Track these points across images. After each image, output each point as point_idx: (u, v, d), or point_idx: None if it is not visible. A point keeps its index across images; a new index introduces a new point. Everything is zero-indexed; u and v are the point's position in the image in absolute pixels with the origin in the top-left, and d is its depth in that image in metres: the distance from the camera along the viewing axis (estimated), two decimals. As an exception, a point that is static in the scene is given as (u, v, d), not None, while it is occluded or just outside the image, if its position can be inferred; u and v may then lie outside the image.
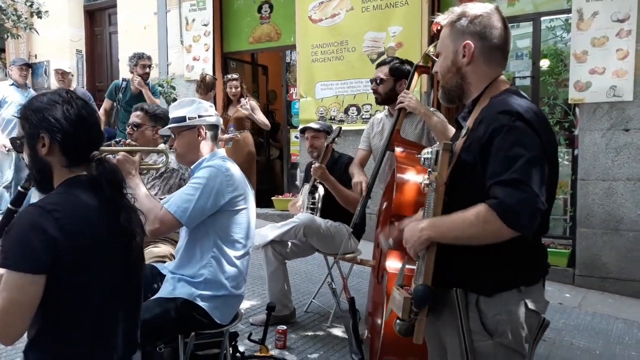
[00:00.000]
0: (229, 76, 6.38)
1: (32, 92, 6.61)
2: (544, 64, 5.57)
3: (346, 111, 6.36)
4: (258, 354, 3.18)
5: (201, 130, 2.55)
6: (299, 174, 6.70)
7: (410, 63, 3.43)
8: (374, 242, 2.95)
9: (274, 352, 3.25)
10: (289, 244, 3.70)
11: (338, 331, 3.66)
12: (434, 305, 1.58)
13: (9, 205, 1.97)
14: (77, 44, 9.30)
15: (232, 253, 2.44)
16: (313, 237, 3.61)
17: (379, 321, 2.56)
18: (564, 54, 5.43)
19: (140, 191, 2.45)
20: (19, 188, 1.98)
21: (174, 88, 7.46)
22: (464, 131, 1.67)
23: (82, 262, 1.51)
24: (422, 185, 1.67)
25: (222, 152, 2.64)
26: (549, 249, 4.49)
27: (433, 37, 3.03)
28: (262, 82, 9.05)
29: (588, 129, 4.90)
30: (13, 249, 1.45)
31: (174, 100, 7.39)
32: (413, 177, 2.60)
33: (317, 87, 6.54)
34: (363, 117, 6.23)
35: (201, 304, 2.37)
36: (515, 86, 1.80)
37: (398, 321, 1.60)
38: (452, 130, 2.84)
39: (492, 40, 1.65)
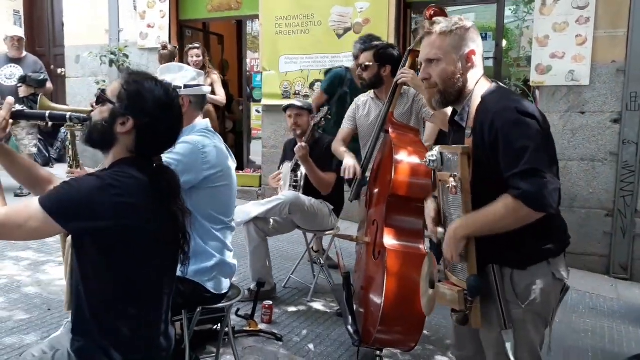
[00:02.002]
0: (190, 45, 6.30)
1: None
2: (506, 45, 5.89)
3: (311, 86, 6.45)
4: (248, 328, 3.32)
5: (184, 99, 2.52)
6: (262, 150, 6.77)
7: (393, 47, 3.59)
8: (366, 219, 3.12)
9: (262, 327, 3.40)
10: (271, 221, 3.82)
11: (319, 305, 3.85)
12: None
13: None
14: (14, 4, 8.82)
15: (212, 227, 2.52)
16: (297, 214, 3.75)
17: (373, 296, 2.75)
18: (525, 37, 5.75)
19: None
20: None
21: (127, 56, 7.28)
22: (468, 132, 1.87)
23: (141, 244, 1.60)
24: (450, 187, 1.83)
25: (203, 123, 2.64)
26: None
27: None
28: (216, 52, 8.94)
29: (547, 110, 5.25)
30: (58, 197, 1.53)
31: (127, 69, 7.22)
32: (409, 158, 2.78)
33: (281, 60, 6.58)
34: (329, 92, 6.35)
35: (193, 278, 2.44)
36: (493, 79, 2.01)
37: (453, 312, 1.85)
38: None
39: (480, 47, 1.92)
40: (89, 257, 1.61)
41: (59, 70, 8.37)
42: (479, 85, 1.90)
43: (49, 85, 6.37)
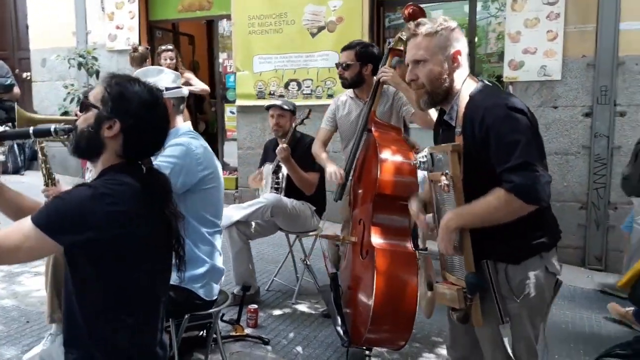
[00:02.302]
0: (163, 47, 6.21)
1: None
2: (477, 41, 5.97)
3: (286, 86, 6.44)
4: (234, 333, 3.29)
5: (167, 102, 2.52)
6: (238, 152, 6.72)
7: (373, 46, 3.60)
8: (350, 219, 3.13)
9: (248, 331, 3.38)
10: (253, 224, 3.80)
11: (303, 307, 3.85)
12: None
13: None
14: (-26, 6, 8.57)
15: (205, 230, 2.52)
16: (279, 216, 3.74)
17: (362, 296, 2.76)
18: (497, 33, 5.84)
19: None
20: None
21: (96, 59, 7.13)
22: (458, 130, 1.90)
23: (131, 249, 1.57)
24: (442, 185, 1.85)
25: (186, 126, 2.65)
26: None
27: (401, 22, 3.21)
28: (187, 53, 8.84)
29: (521, 105, 5.34)
30: (49, 213, 1.49)
31: (97, 72, 7.09)
32: (394, 157, 2.80)
33: (255, 60, 6.54)
34: (304, 92, 6.34)
35: (184, 285, 2.42)
36: (479, 78, 2.05)
37: (453, 311, 1.87)
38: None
39: (466, 46, 1.95)
40: (80, 267, 1.57)
41: (24, 75, 8.15)
42: (465, 84, 1.93)
43: (16, 90, 6.23)
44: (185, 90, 2.73)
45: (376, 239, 2.71)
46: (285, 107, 3.94)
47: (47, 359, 1.79)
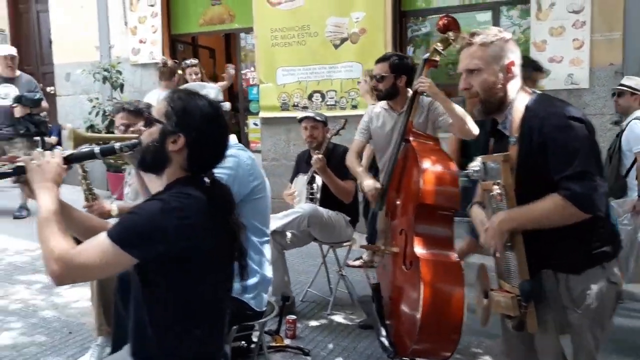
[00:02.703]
0: (188, 62, 6.29)
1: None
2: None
3: (310, 97, 6.50)
4: (274, 344, 3.32)
5: None
6: (263, 163, 6.77)
7: (407, 57, 3.65)
8: (389, 229, 3.15)
9: (286, 342, 3.40)
10: (288, 234, 3.83)
11: (339, 318, 3.87)
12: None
13: None
14: (-1, 22, 8.75)
15: (256, 239, 2.57)
16: (315, 227, 3.77)
17: (407, 307, 2.78)
18: (521, 42, 5.86)
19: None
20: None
21: (120, 73, 7.24)
22: (512, 140, 1.94)
23: (197, 262, 1.60)
24: (495, 194, 1.89)
25: (232, 139, 2.68)
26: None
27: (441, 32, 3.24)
28: (207, 66, 8.94)
29: (548, 114, 5.36)
30: (125, 227, 1.54)
31: (121, 86, 7.20)
32: (435, 167, 2.82)
33: (279, 72, 6.62)
34: (328, 103, 6.40)
35: (237, 296, 2.46)
36: (532, 89, 2.08)
37: (508, 319, 1.90)
38: (468, 116, 3.12)
39: (519, 58, 1.99)
40: (150, 280, 1.61)
41: (49, 89, 8.27)
42: (519, 95, 1.97)
43: (44, 104, 6.32)
44: (227, 105, 2.79)
45: (420, 250, 2.72)
46: (318, 118, 3.99)
47: (112, 369, 1.83)
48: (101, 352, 2.97)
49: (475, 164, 2.03)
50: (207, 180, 1.71)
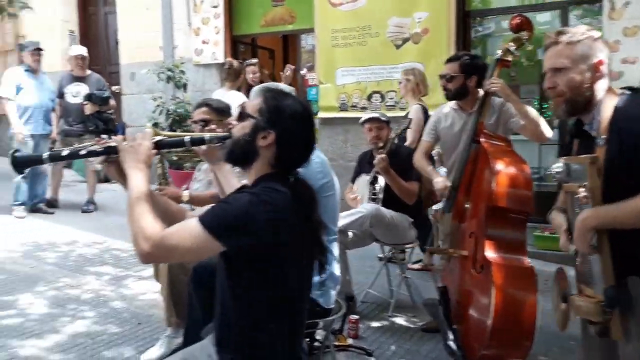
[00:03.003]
0: (248, 61, 6.42)
1: (46, 78, 6.51)
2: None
3: (369, 98, 6.49)
4: (337, 343, 3.33)
5: None
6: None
7: (478, 57, 3.59)
8: (456, 232, 3.11)
9: (349, 341, 3.40)
10: (350, 233, 3.83)
11: (401, 320, 3.84)
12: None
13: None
14: (69, 24, 9.14)
15: (326, 237, 2.57)
16: (378, 227, 3.76)
17: (477, 311, 2.74)
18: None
19: (232, 180, 2.47)
20: None
21: (183, 72, 7.43)
22: (599, 141, 1.88)
23: (282, 257, 1.64)
24: (580, 197, 1.84)
25: None
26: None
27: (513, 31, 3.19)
28: (267, 66, 9.08)
29: (619, 117, 5.16)
30: (217, 215, 1.58)
31: (184, 85, 7.39)
32: (508, 169, 2.77)
33: (338, 73, 6.64)
34: (387, 104, 6.38)
35: None
36: (624, 87, 2.01)
37: (591, 324, 1.86)
38: (541, 119, 3.06)
39: (608, 57, 1.93)
40: (239, 274, 1.65)
41: (115, 88, 8.59)
42: (607, 95, 1.91)
43: (112, 102, 6.57)
44: None
45: (491, 253, 2.68)
46: (383, 118, 3.98)
47: (191, 359, 1.87)
48: (170, 343, 3.05)
49: (558, 165, 1.98)
50: (291, 178, 1.74)
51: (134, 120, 8.16)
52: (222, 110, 3.33)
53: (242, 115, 1.76)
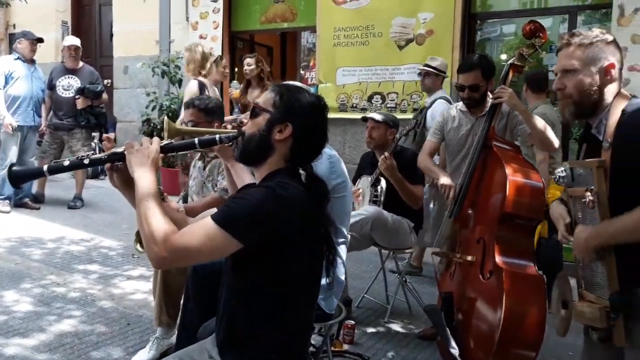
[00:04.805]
0: (247, 55, 6.34)
1: (39, 69, 6.45)
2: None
3: (370, 99, 6.47)
4: (333, 348, 3.29)
5: None
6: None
7: (488, 56, 3.57)
8: (457, 236, 3.09)
9: (345, 347, 3.37)
10: (349, 236, 3.79)
11: (397, 326, 3.81)
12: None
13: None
14: (62, 14, 9.08)
15: (336, 240, 2.53)
16: (379, 231, 3.72)
17: (483, 319, 2.71)
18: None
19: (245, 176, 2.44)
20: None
21: (179, 68, 7.38)
22: (605, 145, 1.87)
23: (295, 251, 1.61)
24: (587, 201, 1.84)
25: None
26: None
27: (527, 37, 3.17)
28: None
29: (626, 126, 5.16)
30: (232, 212, 1.54)
31: (180, 81, 7.34)
32: (520, 175, 2.76)
33: (339, 72, 6.63)
34: (388, 105, 6.36)
35: None
36: (632, 94, 2.00)
37: (593, 330, 1.86)
38: (549, 128, 3.06)
39: (620, 61, 1.93)
40: (250, 271, 1.62)
41: (105, 81, 8.54)
42: (617, 99, 1.90)
43: (104, 96, 6.51)
44: None
45: (502, 260, 2.66)
46: (378, 118, 3.94)
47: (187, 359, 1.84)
48: (160, 344, 3.01)
49: (562, 169, 1.97)
50: (303, 173, 1.72)
51: (125, 115, 8.11)
52: (210, 111, 3.24)
53: (255, 111, 1.73)
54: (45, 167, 1.80)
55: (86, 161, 1.76)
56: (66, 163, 1.78)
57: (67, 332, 3.29)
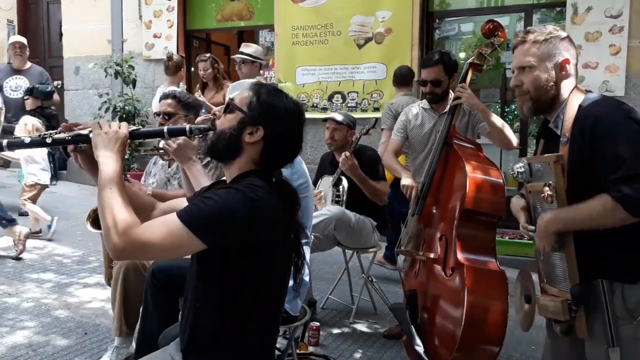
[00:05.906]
0: (200, 56, 6.28)
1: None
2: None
3: (330, 98, 6.51)
4: (298, 351, 3.29)
5: None
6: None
7: (451, 53, 3.64)
8: (421, 234, 3.14)
9: (311, 349, 3.38)
10: (312, 237, 3.81)
11: (362, 326, 3.85)
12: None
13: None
14: (8, 13, 8.81)
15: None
16: (342, 230, 3.75)
17: (446, 316, 2.76)
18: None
19: (202, 180, 2.44)
20: None
21: (132, 68, 7.26)
22: (563, 139, 1.94)
23: (262, 257, 1.61)
24: (546, 195, 1.90)
25: None
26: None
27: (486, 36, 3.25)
28: (222, 63, 8.96)
29: (581, 122, 5.35)
30: (199, 212, 1.51)
31: (134, 82, 7.22)
32: (481, 172, 2.81)
33: (298, 72, 6.64)
34: (349, 105, 6.41)
35: None
36: (588, 90, 2.08)
37: (556, 323, 1.91)
38: (507, 127, 3.15)
39: (575, 57, 2.01)
40: (215, 274, 1.61)
41: (56, 83, 8.28)
42: (573, 94, 1.97)
43: (55, 97, 6.35)
44: None
45: (464, 256, 2.71)
46: (339, 119, 3.96)
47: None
48: (118, 354, 2.95)
49: (520, 165, 2.04)
50: (273, 178, 1.72)
51: (77, 118, 7.91)
52: (189, 105, 3.21)
53: (229, 108, 1.71)
54: (4, 142, 1.74)
55: (48, 140, 1.71)
56: (27, 140, 1.74)
57: (21, 344, 3.20)
